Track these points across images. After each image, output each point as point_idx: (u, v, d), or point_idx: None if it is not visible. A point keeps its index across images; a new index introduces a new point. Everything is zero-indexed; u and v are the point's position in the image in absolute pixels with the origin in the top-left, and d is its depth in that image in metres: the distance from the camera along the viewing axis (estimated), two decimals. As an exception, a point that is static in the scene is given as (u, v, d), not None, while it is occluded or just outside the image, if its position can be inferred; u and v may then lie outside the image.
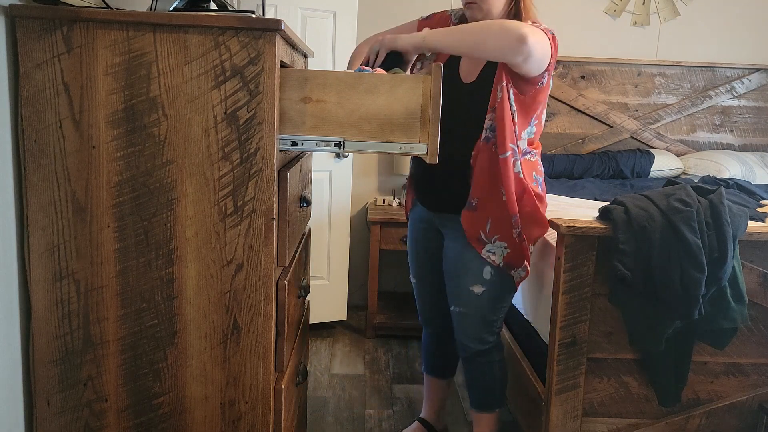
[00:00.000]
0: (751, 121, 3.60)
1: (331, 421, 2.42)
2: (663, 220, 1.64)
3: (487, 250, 1.82)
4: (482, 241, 1.82)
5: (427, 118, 1.32)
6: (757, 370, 1.82)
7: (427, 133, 1.33)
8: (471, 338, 1.95)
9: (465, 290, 1.89)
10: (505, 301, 1.92)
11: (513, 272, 1.86)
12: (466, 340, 1.95)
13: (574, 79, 3.53)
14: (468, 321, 1.93)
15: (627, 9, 3.52)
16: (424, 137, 1.33)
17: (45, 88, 1.24)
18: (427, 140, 1.33)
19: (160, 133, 1.27)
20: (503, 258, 1.82)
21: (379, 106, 1.32)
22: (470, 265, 1.86)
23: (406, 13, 3.37)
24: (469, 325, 1.93)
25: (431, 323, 2.17)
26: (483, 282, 1.86)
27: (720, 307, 1.67)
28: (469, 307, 1.91)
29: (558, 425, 1.79)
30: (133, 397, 1.35)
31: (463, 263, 1.88)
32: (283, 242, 1.39)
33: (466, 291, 1.88)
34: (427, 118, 1.33)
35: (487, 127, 1.76)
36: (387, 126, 1.33)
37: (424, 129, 1.33)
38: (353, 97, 1.32)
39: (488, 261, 1.83)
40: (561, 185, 3.11)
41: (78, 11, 1.22)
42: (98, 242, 1.29)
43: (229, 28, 1.24)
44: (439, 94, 1.31)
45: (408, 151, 1.34)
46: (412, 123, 1.33)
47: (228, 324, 1.34)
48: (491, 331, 1.94)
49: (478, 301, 1.88)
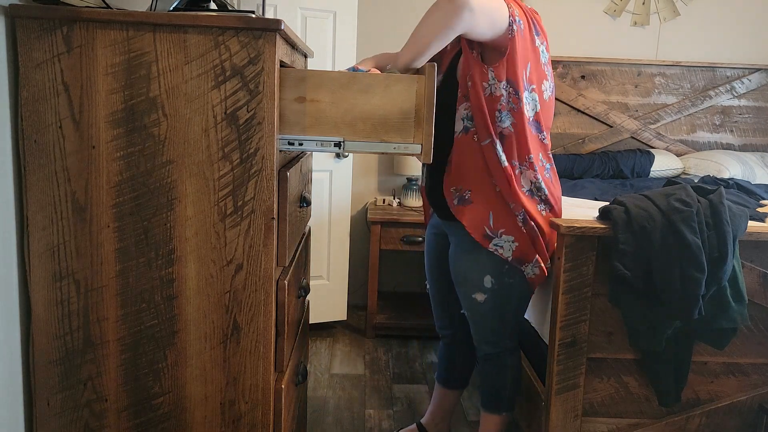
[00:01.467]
0: (751, 121, 3.60)
1: (331, 421, 2.42)
2: (663, 220, 1.64)
3: (495, 244, 1.76)
4: (488, 236, 1.76)
5: (422, 117, 1.32)
6: (757, 370, 1.82)
7: (422, 132, 1.33)
8: (481, 341, 1.94)
9: (468, 298, 1.87)
10: (512, 307, 1.87)
11: (525, 267, 1.79)
12: (478, 342, 1.95)
13: (574, 79, 3.53)
14: (476, 326, 1.92)
15: (627, 9, 3.52)
16: (419, 137, 1.33)
17: (45, 88, 1.24)
18: (422, 140, 1.33)
19: (160, 133, 1.27)
20: (513, 252, 1.77)
21: (374, 106, 1.32)
22: (469, 274, 1.83)
23: (406, 13, 3.37)
24: (478, 330, 1.92)
25: (443, 330, 2.17)
26: (484, 290, 1.82)
27: (720, 307, 1.67)
28: (474, 314, 1.90)
29: (558, 425, 1.79)
30: (133, 397, 1.35)
31: (463, 272, 1.86)
32: (283, 242, 1.39)
33: (469, 299, 1.87)
34: (421, 118, 1.33)
35: (463, 117, 1.72)
36: (381, 126, 1.33)
37: (419, 129, 1.33)
38: (348, 96, 1.32)
39: (497, 255, 1.76)
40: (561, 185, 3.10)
41: (78, 11, 1.22)
42: (98, 242, 1.29)
43: (229, 28, 1.24)
44: (433, 94, 1.31)
45: (402, 150, 1.35)
46: (406, 123, 1.33)
47: (228, 324, 1.34)
48: (502, 335, 1.91)
49: (481, 308, 1.85)
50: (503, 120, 1.70)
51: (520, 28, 1.66)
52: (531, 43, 1.71)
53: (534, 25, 1.73)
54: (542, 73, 1.76)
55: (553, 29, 3.47)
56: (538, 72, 1.74)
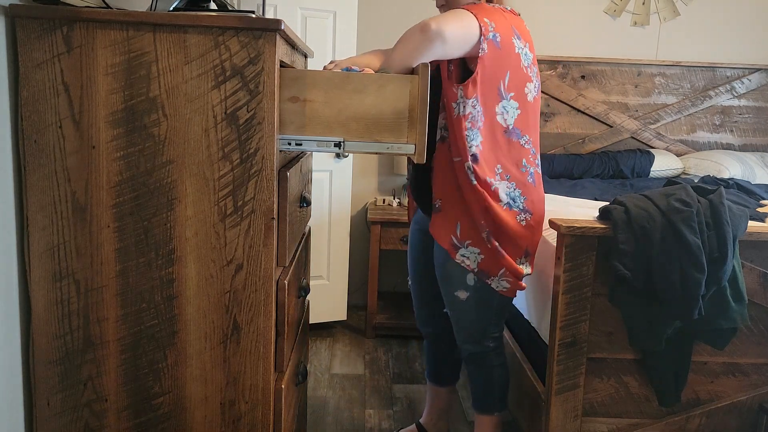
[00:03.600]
0: (751, 121, 3.60)
1: (331, 421, 2.42)
2: (663, 220, 1.64)
3: (461, 254, 1.78)
4: (455, 246, 1.77)
5: (415, 117, 1.32)
6: (757, 370, 1.82)
7: (415, 132, 1.33)
8: (464, 341, 1.93)
9: (451, 295, 1.86)
10: (493, 308, 1.86)
11: (490, 281, 1.78)
12: (461, 342, 1.94)
13: (574, 79, 3.53)
14: (459, 325, 1.91)
15: (627, 9, 3.52)
16: (412, 137, 1.33)
17: (45, 88, 1.24)
18: (415, 140, 1.33)
19: (160, 133, 1.27)
20: (478, 264, 1.77)
21: (367, 106, 1.32)
22: (453, 271, 1.82)
23: (406, 13, 3.37)
24: (461, 329, 1.91)
25: (425, 327, 2.16)
26: (467, 288, 1.81)
27: (720, 308, 1.67)
28: (456, 312, 1.89)
29: (558, 425, 1.79)
30: (133, 397, 1.35)
31: (446, 269, 1.84)
32: (283, 242, 1.39)
33: (452, 296, 1.85)
34: (414, 118, 1.32)
35: (441, 126, 1.75)
36: (375, 126, 1.33)
37: (412, 129, 1.33)
38: (341, 96, 1.32)
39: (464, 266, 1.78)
40: (561, 185, 3.11)
41: (78, 11, 1.22)
42: (98, 242, 1.29)
43: (229, 28, 1.24)
44: (427, 94, 1.31)
45: (396, 150, 1.34)
46: (399, 122, 1.33)
47: (228, 324, 1.34)
48: (485, 335, 1.90)
49: (464, 306, 1.84)
50: (473, 138, 1.69)
51: (495, 42, 1.65)
52: (511, 50, 1.70)
53: (515, 29, 1.72)
54: (524, 76, 1.74)
55: (553, 29, 3.48)
56: (519, 76, 1.72)
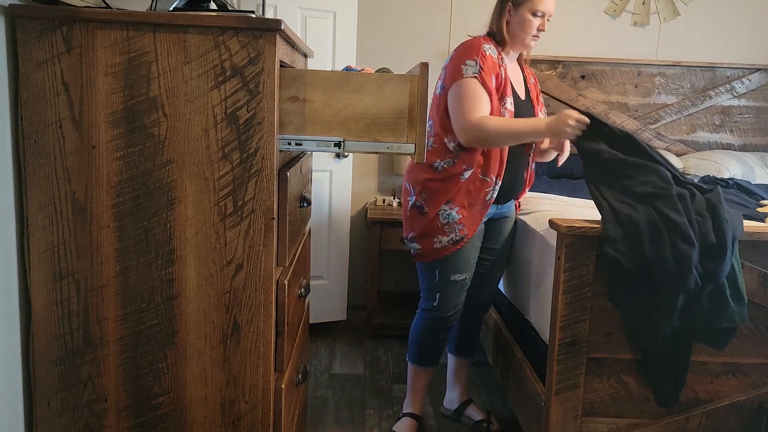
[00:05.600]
0: (751, 121, 3.60)
1: (331, 421, 2.42)
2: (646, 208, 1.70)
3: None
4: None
5: (415, 117, 1.32)
6: (757, 370, 1.82)
7: (415, 132, 1.33)
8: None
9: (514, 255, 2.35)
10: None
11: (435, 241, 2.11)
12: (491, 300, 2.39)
13: (574, 79, 3.52)
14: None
15: (627, 9, 3.52)
16: (412, 136, 1.33)
17: (45, 88, 1.24)
18: (415, 139, 1.33)
19: (159, 133, 1.27)
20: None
21: (367, 106, 1.32)
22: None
23: (406, 14, 3.37)
24: None
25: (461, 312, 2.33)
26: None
27: (719, 307, 1.67)
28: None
29: (558, 425, 1.79)
30: (133, 397, 1.35)
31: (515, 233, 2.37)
32: (283, 242, 1.39)
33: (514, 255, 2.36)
34: (414, 118, 1.32)
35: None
36: (374, 125, 1.33)
37: (412, 128, 1.33)
38: (340, 96, 1.32)
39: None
40: (561, 185, 3.11)
41: (78, 11, 1.22)
42: (98, 242, 1.29)
43: (229, 28, 1.24)
44: (426, 94, 1.31)
45: (396, 150, 1.34)
46: (399, 122, 1.33)
47: (228, 324, 1.34)
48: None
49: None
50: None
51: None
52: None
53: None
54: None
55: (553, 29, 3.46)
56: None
